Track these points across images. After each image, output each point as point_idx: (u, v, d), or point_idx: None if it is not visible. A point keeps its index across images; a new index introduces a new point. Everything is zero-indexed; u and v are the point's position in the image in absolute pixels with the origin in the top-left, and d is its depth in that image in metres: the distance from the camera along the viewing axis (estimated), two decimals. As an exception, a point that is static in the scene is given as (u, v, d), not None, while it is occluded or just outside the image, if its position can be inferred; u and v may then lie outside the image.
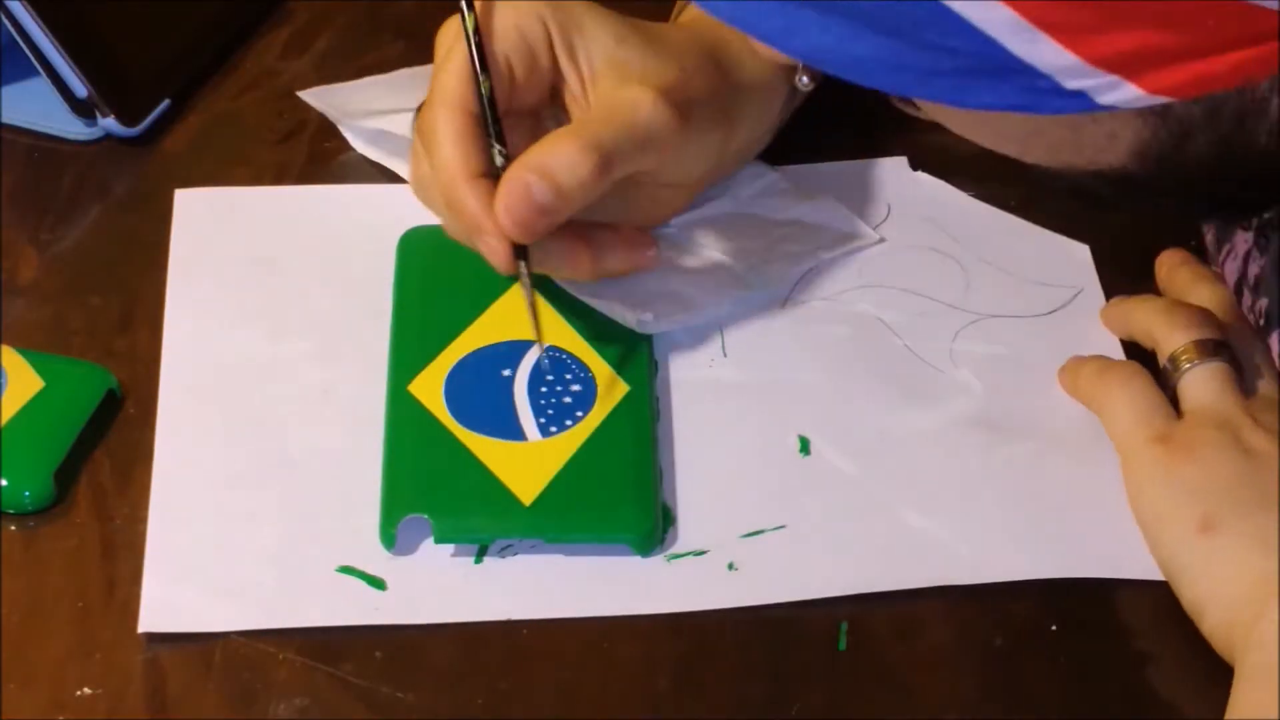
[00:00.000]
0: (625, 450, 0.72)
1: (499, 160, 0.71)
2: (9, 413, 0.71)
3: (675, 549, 0.70)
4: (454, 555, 0.70)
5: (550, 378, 0.74)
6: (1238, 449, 0.69)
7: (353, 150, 0.84)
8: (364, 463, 0.72)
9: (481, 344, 0.75)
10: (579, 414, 0.73)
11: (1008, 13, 0.47)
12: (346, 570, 0.69)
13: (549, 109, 0.75)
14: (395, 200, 0.80)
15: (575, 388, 0.74)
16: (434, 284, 0.78)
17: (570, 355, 0.75)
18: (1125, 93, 0.49)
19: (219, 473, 0.72)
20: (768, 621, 0.69)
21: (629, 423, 0.73)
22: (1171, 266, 0.79)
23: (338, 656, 0.67)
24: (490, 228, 0.70)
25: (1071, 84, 0.49)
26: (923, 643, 0.68)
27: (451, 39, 0.73)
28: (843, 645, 0.68)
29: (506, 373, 0.74)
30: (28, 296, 0.78)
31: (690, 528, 0.71)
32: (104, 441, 0.73)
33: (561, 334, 0.76)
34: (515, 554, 0.70)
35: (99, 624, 0.67)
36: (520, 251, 0.71)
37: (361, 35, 0.92)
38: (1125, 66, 0.49)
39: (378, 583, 0.68)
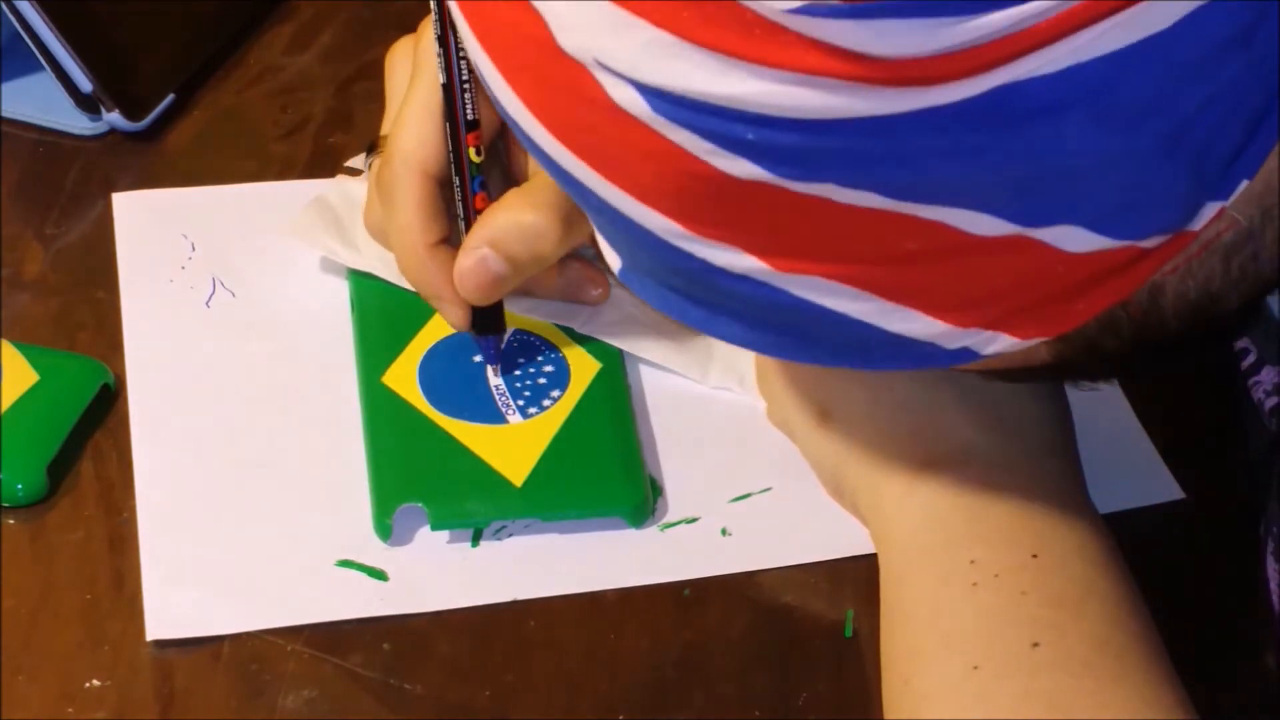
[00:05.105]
0: (607, 425, 0.73)
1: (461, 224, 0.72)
2: (3, 405, 0.71)
3: (667, 518, 0.71)
4: (450, 541, 0.70)
5: (522, 360, 0.75)
6: None
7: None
8: (344, 457, 0.72)
9: (449, 331, 0.75)
10: (555, 394, 0.74)
11: (874, 301, 0.51)
12: (346, 564, 0.69)
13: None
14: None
15: (548, 368, 0.75)
16: None
17: (536, 336, 0.76)
18: (1003, 343, 0.53)
19: (201, 477, 0.71)
20: (773, 610, 0.69)
21: (606, 398, 0.74)
22: None
23: (346, 648, 0.67)
24: (450, 296, 0.72)
25: (952, 345, 0.53)
26: (929, 632, 0.69)
27: (400, 63, 0.73)
28: (849, 633, 0.68)
29: (477, 358, 0.75)
30: (33, 291, 0.78)
31: (679, 496, 0.72)
32: (110, 435, 0.73)
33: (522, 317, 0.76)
34: (510, 535, 0.70)
35: (107, 616, 0.67)
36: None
37: (364, 30, 0.92)
38: (996, 324, 0.52)
39: (379, 574, 0.69)
